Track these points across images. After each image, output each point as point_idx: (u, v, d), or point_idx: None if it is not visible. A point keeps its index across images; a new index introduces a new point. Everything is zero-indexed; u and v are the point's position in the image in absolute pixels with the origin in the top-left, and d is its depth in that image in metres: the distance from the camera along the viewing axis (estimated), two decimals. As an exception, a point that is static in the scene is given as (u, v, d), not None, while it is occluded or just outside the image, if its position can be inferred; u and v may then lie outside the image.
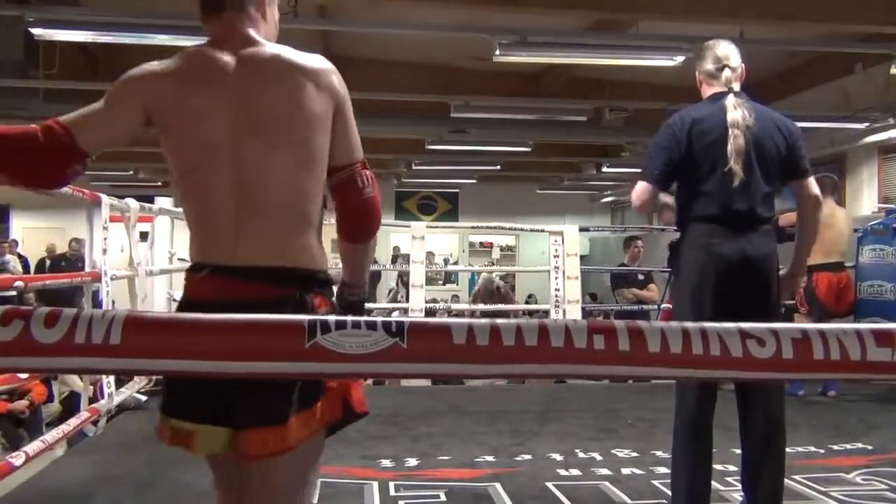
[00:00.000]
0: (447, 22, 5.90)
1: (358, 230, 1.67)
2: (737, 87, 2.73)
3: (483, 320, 0.85)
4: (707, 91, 2.79)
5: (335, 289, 1.64)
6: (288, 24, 5.75)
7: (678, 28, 5.86)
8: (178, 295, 5.56)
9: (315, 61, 1.54)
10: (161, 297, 5.35)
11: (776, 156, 2.68)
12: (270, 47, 1.54)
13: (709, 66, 2.76)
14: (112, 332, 0.85)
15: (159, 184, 14.31)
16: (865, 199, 7.88)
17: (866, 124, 7.68)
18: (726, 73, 2.72)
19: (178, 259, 5.52)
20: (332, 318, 0.87)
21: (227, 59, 1.50)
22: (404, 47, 7.54)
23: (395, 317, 0.92)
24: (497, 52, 5.39)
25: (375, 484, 3.32)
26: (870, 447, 3.91)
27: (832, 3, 5.49)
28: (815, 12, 5.54)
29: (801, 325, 0.89)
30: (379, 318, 0.84)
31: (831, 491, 3.24)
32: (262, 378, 0.89)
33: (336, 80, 1.56)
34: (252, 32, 1.55)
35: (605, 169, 11.00)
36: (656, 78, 7.60)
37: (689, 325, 0.85)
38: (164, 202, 5.46)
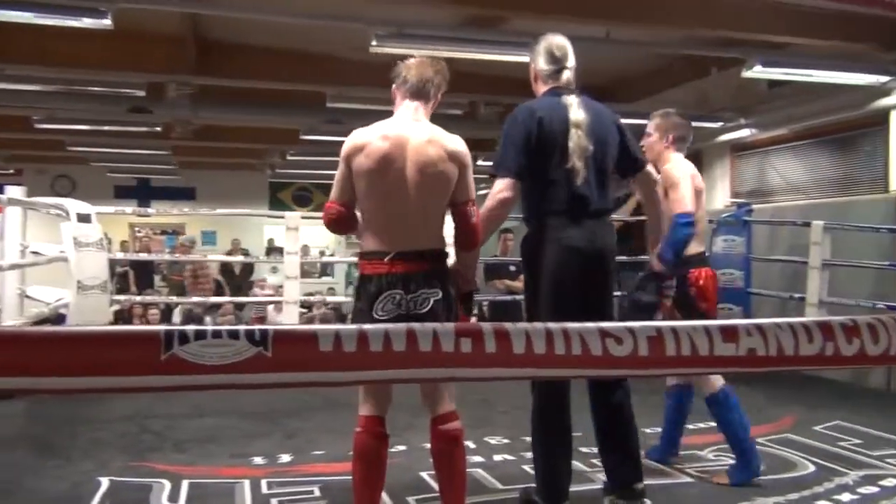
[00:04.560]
0: (323, 10, 5.80)
1: (465, 242, 2.63)
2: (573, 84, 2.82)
3: (351, 326, 0.83)
4: (542, 87, 2.85)
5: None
6: (155, 4, 5.50)
7: (550, 26, 6.01)
8: (32, 291, 5.16)
9: (453, 141, 2.53)
10: (11, 293, 4.98)
11: (614, 152, 2.83)
12: (432, 127, 2.54)
13: (545, 65, 2.83)
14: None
15: (11, 171, 13.32)
16: (719, 193, 8.41)
17: (720, 124, 8.19)
18: (566, 74, 2.81)
19: (32, 252, 5.16)
20: (191, 328, 0.83)
21: (414, 130, 2.51)
22: (279, 34, 7.34)
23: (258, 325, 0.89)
24: (373, 43, 5.36)
25: (247, 482, 3.24)
26: (721, 426, 4.19)
27: (691, 8, 5.79)
28: (675, 16, 5.83)
29: (656, 322, 0.94)
30: (242, 327, 0.80)
31: (686, 468, 3.46)
32: (116, 393, 0.84)
33: (461, 152, 2.53)
34: (425, 117, 2.59)
35: (479, 162, 11.17)
36: (529, 74, 7.79)
37: (553, 325, 0.88)
38: (14, 191, 5.06)
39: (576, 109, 2.72)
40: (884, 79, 6.31)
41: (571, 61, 2.83)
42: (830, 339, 1.02)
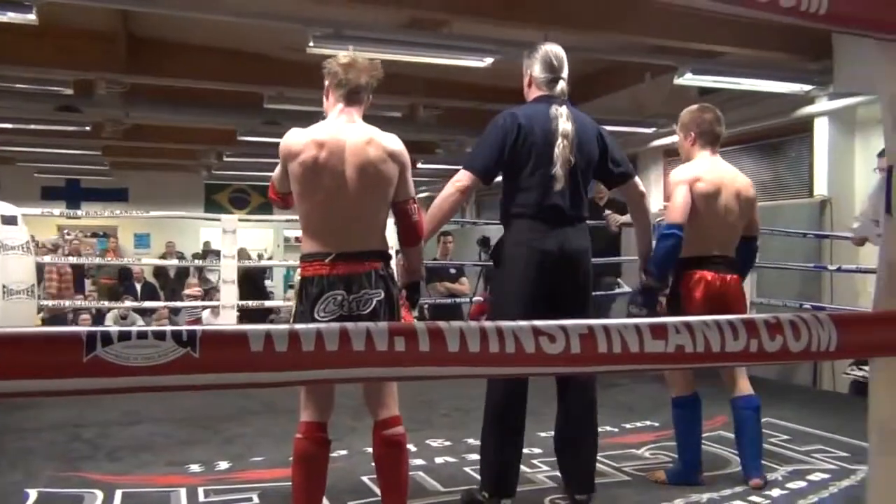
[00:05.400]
0: (260, 10, 5.72)
1: (408, 239, 2.68)
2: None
3: (282, 326, 0.82)
4: (535, 92, 2.92)
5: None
6: (82, 0, 5.33)
7: (489, 30, 6.07)
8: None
9: (391, 141, 2.54)
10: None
11: (594, 163, 2.92)
12: (369, 128, 2.54)
13: (541, 73, 2.89)
14: None
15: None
16: (653, 197, 8.60)
17: (654, 129, 8.39)
18: (561, 84, 2.89)
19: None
20: (114, 328, 0.80)
21: (352, 132, 2.50)
22: (214, 33, 7.21)
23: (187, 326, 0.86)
24: (311, 44, 5.31)
25: (183, 491, 3.17)
26: (656, 424, 4.29)
27: (626, 16, 5.92)
28: (610, 23, 5.95)
29: (588, 321, 0.96)
30: (168, 328, 0.78)
31: (624, 466, 3.52)
32: (35, 396, 0.80)
33: (401, 152, 2.53)
34: (360, 118, 2.58)
35: (419, 165, 11.19)
36: (469, 77, 7.83)
37: (487, 324, 0.89)
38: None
39: (564, 121, 2.80)
40: (807, 87, 6.56)
41: (566, 71, 2.91)
42: (755, 336, 1.06)
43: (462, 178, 2.82)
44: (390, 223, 2.68)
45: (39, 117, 8.79)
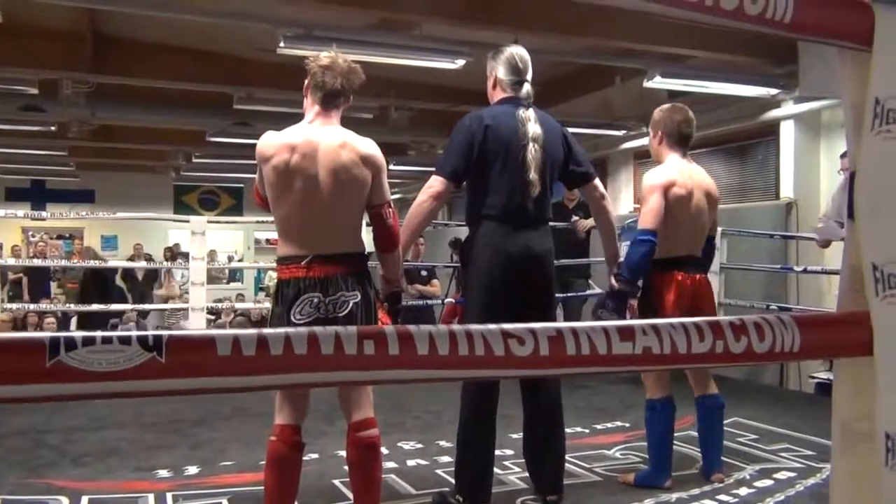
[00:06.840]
0: (230, 9, 5.67)
1: (384, 245, 2.64)
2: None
3: (250, 330, 0.81)
4: (500, 94, 2.92)
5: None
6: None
7: (460, 32, 6.08)
8: None
9: (366, 145, 2.51)
10: None
11: (560, 165, 2.95)
12: (343, 132, 2.52)
13: (506, 76, 2.89)
14: None
15: None
16: (623, 199, 8.68)
17: (624, 132, 8.46)
18: (526, 87, 2.89)
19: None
20: (78, 333, 0.79)
21: (325, 135, 2.48)
22: (185, 33, 7.13)
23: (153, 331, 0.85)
24: (281, 45, 5.27)
25: (151, 496, 3.13)
26: (627, 425, 4.32)
27: (596, 20, 5.97)
28: (580, 27, 6.00)
29: (557, 323, 0.97)
30: (134, 333, 0.77)
31: (595, 467, 3.54)
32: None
33: (375, 156, 2.51)
34: (336, 120, 2.56)
35: (391, 167, 11.18)
36: (440, 79, 7.84)
37: (456, 327, 0.89)
38: None
39: (533, 124, 2.82)
40: (773, 91, 6.68)
41: (530, 74, 2.92)
42: (720, 337, 1.07)
43: (434, 183, 2.82)
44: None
45: (3, 117, 8.62)
